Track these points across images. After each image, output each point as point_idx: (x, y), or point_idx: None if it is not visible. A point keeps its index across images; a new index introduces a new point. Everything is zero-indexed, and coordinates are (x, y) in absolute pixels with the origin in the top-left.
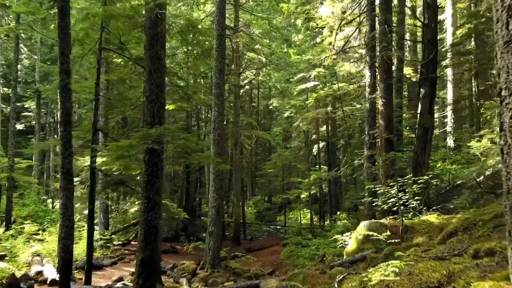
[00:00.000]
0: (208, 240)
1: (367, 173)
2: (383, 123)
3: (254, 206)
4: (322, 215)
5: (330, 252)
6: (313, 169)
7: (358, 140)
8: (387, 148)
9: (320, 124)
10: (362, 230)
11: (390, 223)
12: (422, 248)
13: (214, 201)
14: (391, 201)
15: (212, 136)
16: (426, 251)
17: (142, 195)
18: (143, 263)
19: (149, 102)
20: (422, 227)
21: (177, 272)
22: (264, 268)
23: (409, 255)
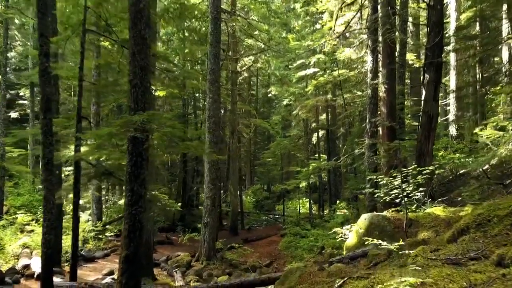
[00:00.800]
0: (203, 232)
1: (368, 163)
2: (385, 111)
3: (253, 195)
4: (321, 204)
5: (329, 243)
6: (313, 158)
7: (358, 129)
8: (389, 136)
9: (320, 112)
10: (363, 223)
11: (393, 216)
12: (430, 246)
13: (209, 191)
14: (394, 193)
15: (207, 124)
16: (435, 251)
17: (126, 188)
18: (127, 260)
19: (133, 86)
20: (427, 220)
21: (171, 264)
22: (261, 259)
23: (416, 256)
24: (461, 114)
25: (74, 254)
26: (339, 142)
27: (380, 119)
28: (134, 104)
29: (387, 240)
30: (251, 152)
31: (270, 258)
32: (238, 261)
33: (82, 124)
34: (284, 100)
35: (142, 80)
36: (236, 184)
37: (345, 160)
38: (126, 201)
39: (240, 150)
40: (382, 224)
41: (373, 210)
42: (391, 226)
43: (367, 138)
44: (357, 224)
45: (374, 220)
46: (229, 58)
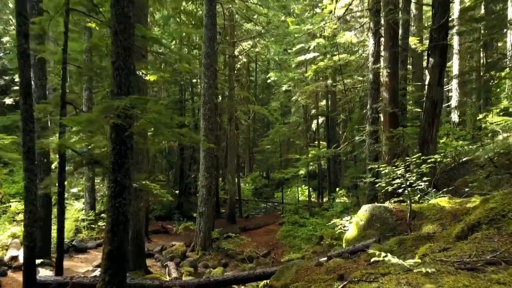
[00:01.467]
0: (198, 221)
1: (369, 151)
2: (388, 96)
3: (252, 182)
4: (320, 191)
5: (328, 233)
6: (312, 145)
7: (359, 115)
8: (391, 123)
9: (320, 98)
10: (363, 215)
11: (395, 207)
12: (438, 244)
13: (205, 180)
14: (396, 182)
15: (202, 110)
16: (445, 250)
17: (109, 178)
18: (110, 257)
19: (116, 68)
20: (432, 212)
21: (166, 255)
22: (258, 249)
23: (424, 256)
24: (464, 100)
25: (60, 247)
26: (339, 129)
27: (382, 105)
28: (117, 88)
29: (389, 233)
30: (250, 139)
31: (268, 247)
32: (234, 251)
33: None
34: (283, 86)
35: (126, 62)
36: (234, 172)
37: (345, 148)
38: (109, 192)
39: (238, 137)
40: (384, 216)
41: (374, 200)
42: (393, 218)
43: (368, 125)
44: (357, 215)
45: (375, 212)
46: (226, 42)
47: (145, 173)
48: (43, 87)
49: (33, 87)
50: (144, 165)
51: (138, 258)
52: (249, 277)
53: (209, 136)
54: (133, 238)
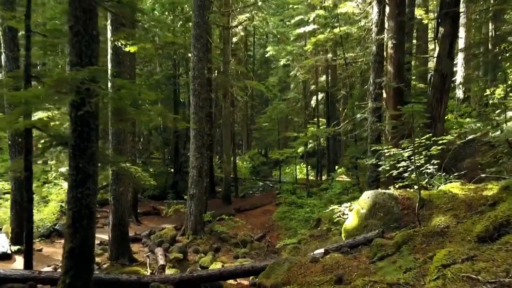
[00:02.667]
0: (189, 204)
1: (371, 129)
2: (392, 70)
3: (250, 160)
4: (319, 169)
5: (326, 216)
6: (311, 122)
7: (360, 91)
8: (396, 99)
9: (320, 73)
10: (365, 202)
11: (401, 194)
12: (460, 250)
13: (195, 160)
14: (402, 166)
15: (191, 86)
16: (470, 259)
17: (69, 164)
18: (72, 255)
19: (75, 34)
20: (444, 201)
21: (154, 239)
22: (253, 232)
23: (443, 267)
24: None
25: (29, 238)
26: (339, 105)
27: (385, 80)
28: (76, 58)
29: (394, 224)
30: (248, 116)
31: (263, 230)
32: (228, 234)
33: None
34: (281, 60)
35: (86, 27)
36: (229, 151)
37: (345, 126)
38: (70, 181)
39: (234, 114)
40: (388, 205)
41: (375, 182)
42: (398, 207)
43: (370, 101)
44: (358, 202)
45: (378, 200)
46: (219, 12)
47: (128, 154)
48: (16, 59)
49: (4, 59)
50: (127, 146)
51: (122, 246)
52: (236, 272)
53: (199, 113)
54: (115, 224)
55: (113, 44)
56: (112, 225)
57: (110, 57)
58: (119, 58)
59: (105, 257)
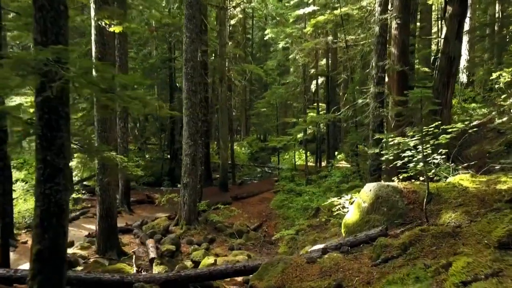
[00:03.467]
0: (182, 193)
1: (373, 116)
2: (396, 52)
3: (248, 146)
4: (318, 155)
5: (325, 205)
6: (311, 107)
7: (361, 75)
8: (400, 84)
9: (320, 57)
10: (367, 195)
11: (405, 187)
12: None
13: (188, 148)
14: (407, 155)
15: (184, 69)
16: (496, 274)
17: (36, 157)
18: (40, 259)
19: (38, 9)
20: (453, 194)
21: (146, 230)
22: (250, 221)
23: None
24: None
25: (4, 234)
26: (339, 90)
27: (389, 63)
28: (41, 36)
29: (398, 219)
30: (247, 101)
31: (260, 219)
32: (223, 223)
33: None
34: (280, 43)
35: (52, 1)
36: (226, 137)
37: (346, 112)
38: (37, 176)
39: (232, 99)
40: (392, 199)
41: (377, 171)
42: (403, 201)
43: (372, 85)
44: (359, 195)
45: (381, 193)
46: None
47: (119, 141)
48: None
49: None
50: (114, 134)
51: (110, 238)
52: (227, 271)
53: (192, 99)
54: (102, 216)
55: (96, 23)
56: (99, 217)
57: (93, 38)
58: (104, 39)
59: (93, 250)
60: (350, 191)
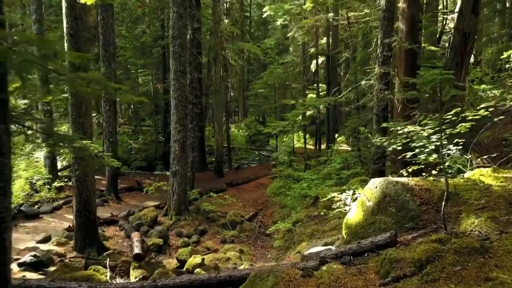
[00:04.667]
0: (171, 182)
1: (378, 99)
2: (405, 28)
3: (246, 129)
4: (318, 137)
5: (324, 193)
6: (311, 87)
7: (363, 54)
8: (408, 63)
9: (320, 35)
10: (372, 193)
11: (417, 184)
12: None
13: (177, 133)
14: (419, 146)
15: (171, 47)
16: None
17: None
18: None
19: None
20: (474, 194)
21: (133, 221)
22: (245, 209)
23: None
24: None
25: None
26: (340, 69)
27: (397, 39)
28: None
29: (409, 223)
30: (244, 82)
31: (256, 207)
32: (216, 213)
33: None
34: (278, 20)
35: None
36: (221, 120)
37: (348, 95)
38: None
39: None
40: (402, 198)
41: (381, 159)
42: (415, 201)
43: (377, 65)
44: (363, 192)
45: (389, 191)
46: None
47: (90, 129)
48: None
49: None
50: (89, 119)
51: (88, 234)
52: (210, 282)
53: (180, 80)
54: (79, 210)
55: None
56: (76, 211)
57: (64, 12)
58: (76, 13)
59: (70, 246)
60: (351, 179)
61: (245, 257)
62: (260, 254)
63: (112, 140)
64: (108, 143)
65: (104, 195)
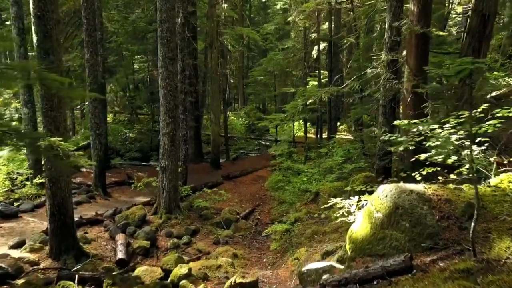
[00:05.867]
0: (161, 178)
1: (385, 88)
2: (416, 9)
3: (246, 117)
4: (319, 126)
5: (325, 189)
6: (312, 74)
7: (368, 39)
8: (420, 49)
9: (322, 20)
10: (381, 203)
11: (435, 193)
12: None
13: (166, 126)
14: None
15: (158, 32)
16: None
17: None
18: None
19: None
20: (505, 207)
21: (119, 220)
22: (242, 205)
23: None
24: None
25: None
26: (343, 56)
27: (407, 22)
28: None
29: (426, 241)
30: (244, 68)
31: (253, 202)
32: (210, 210)
33: None
34: (277, 3)
35: None
36: (217, 109)
37: (352, 84)
38: None
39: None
40: (417, 211)
41: (387, 156)
42: (433, 215)
43: (385, 51)
44: (370, 200)
45: (402, 201)
46: None
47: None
48: None
49: None
50: (63, 113)
51: (65, 239)
52: None
53: (169, 67)
54: (53, 213)
55: None
56: (50, 215)
57: None
58: None
59: (45, 252)
60: (354, 173)
61: (238, 263)
62: (256, 258)
63: (98, 132)
64: (94, 136)
65: (91, 190)
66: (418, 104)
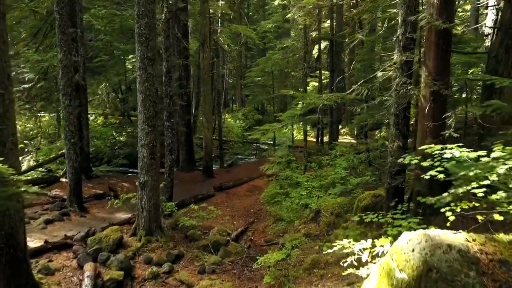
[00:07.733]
0: (140, 195)
1: (398, 95)
2: (437, 1)
3: (244, 119)
4: (320, 131)
5: (327, 205)
6: (312, 75)
7: (374, 37)
8: (440, 48)
9: (323, 18)
10: (406, 259)
11: (483, 249)
12: None
13: (145, 136)
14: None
15: (136, 29)
16: None
17: None
18: None
19: None
20: None
21: (91, 244)
22: (234, 222)
23: None
24: None
25: None
26: (345, 55)
27: (426, 16)
28: None
29: None
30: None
31: (246, 219)
32: (197, 230)
33: None
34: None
35: None
36: (209, 113)
37: (360, 90)
38: None
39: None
40: (461, 280)
41: (400, 174)
42: (484, 285)
43: (397, 51)
44: (390, 253)
45: (437, 262)
46: None
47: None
48: None
49: None
50: (11, 125)
51: (15, 276)
52: None
53: (148, 69)
54: (0, 247)
55: None
56: None
57: None
58: None
59: None
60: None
61: None
62: None
63: (74, 141)
64: (69, 145)
65: (65, 206)
66: (438, 114)
